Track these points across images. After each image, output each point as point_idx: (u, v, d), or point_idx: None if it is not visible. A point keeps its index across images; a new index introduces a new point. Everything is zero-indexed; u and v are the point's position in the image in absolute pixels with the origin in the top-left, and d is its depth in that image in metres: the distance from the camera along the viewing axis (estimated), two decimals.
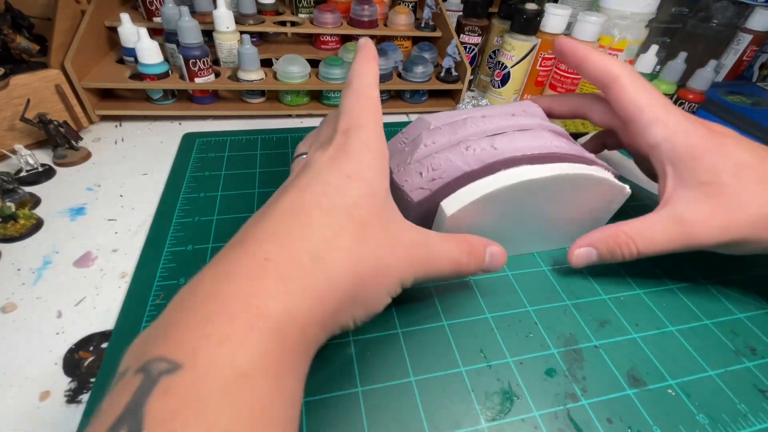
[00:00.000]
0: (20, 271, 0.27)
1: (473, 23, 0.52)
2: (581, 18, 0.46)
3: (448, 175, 0.25)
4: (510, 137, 0.26)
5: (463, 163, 0.25)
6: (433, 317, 0.25)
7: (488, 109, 0.29)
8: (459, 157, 0.25)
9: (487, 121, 0.27)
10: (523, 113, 0.29)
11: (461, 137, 0.26)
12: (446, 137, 0.27)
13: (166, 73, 0.42)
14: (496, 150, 0.25)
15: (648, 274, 0.29)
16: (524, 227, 0.28)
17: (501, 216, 0.26)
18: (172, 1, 0.43)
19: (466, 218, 0.24)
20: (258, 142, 0.41)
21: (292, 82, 0.44)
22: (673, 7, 0.56)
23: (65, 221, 0.31)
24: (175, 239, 0.29)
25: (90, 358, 0.23)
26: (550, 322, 0.26)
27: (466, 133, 0.27)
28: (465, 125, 0.27)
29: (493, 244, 0.23)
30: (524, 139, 0.26)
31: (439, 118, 0.28)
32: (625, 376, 0.23)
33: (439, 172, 0.25)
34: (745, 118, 0.45)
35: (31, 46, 0.39)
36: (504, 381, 0.22)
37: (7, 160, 0.36)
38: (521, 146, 0.25)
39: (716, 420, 0.21)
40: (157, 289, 0.26)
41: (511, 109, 0.29)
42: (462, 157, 0.25)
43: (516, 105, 0.30)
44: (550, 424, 0.21)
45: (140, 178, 0.36)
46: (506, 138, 0.26)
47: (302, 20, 0.51)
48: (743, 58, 0.59)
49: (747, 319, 0.27)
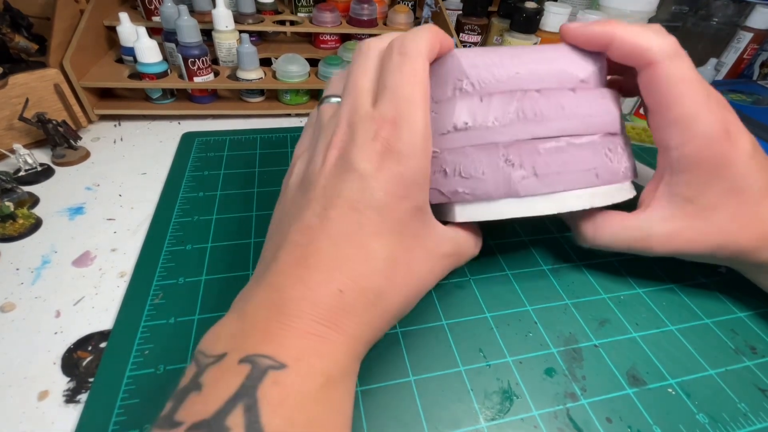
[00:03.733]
0: (19, 270, 0.27)
1: (473, 22, 0.52)
2: (581, 16, 0.46)
3: (472, 194, 0.21)
4: (556, 155, 0.21)
5: (494, 186, 0.21)
6: (432, 316, 0.25)
7: (546, 61, 0.22)
8: (492, 173, 0.20)
9: (544, 105, 0.20)
10: (582, 82, 0.22)
11: (508, 137, 0.20)
12: (490, 117, 0.20)
13: (165, 72, 0.42)
14: (537, 177, 0.20)
15: (648, 274, 0.29)
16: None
17: None
18: (171, 0, 0.43)
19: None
20: (257, 141, 0.41)
21: (291, 82, 0.44)
22: (673, 6, 0.56)
23: (64, 221, 0.31)
24: (174, 239, 0.29)
25: (88, 357, 0.22)
26: (549, 322, 0.26)
27: (513, 131, 0.20)
28: (518, 109, 0.20)
29: (478, 229, 0.25)
30: (577, 162, 0.21)
31: (486, 68, 0.21)
32: (625, 376, 0.23)
33: (467, 182, 0.21)
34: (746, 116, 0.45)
35: (29, 45, 0.39)
36: (503, 380, 0.22)
37: (5, 159, 0.36)
38: (567, 180, 0.21)
39: (716, 419, 0.21)
40: (156, 288, 0.26)
41: (568, 74, 0.22)
42: (496, 173, 0.20)
43: (572, 60, 0.22)
44: (549, 423, 0.21)
45: (139, 177, 0.36)
46: (552, 156, 0.21)
47: (301, 19, 0.51)
48: (744, 57, 0.59)
49: (747, 318, 0.27)
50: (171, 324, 0.24)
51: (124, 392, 0.20)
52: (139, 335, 0.23)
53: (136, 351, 0.22)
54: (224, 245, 0.29)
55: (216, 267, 0.27)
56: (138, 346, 0.23)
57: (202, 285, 0.26)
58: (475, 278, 0.28)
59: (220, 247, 0.29)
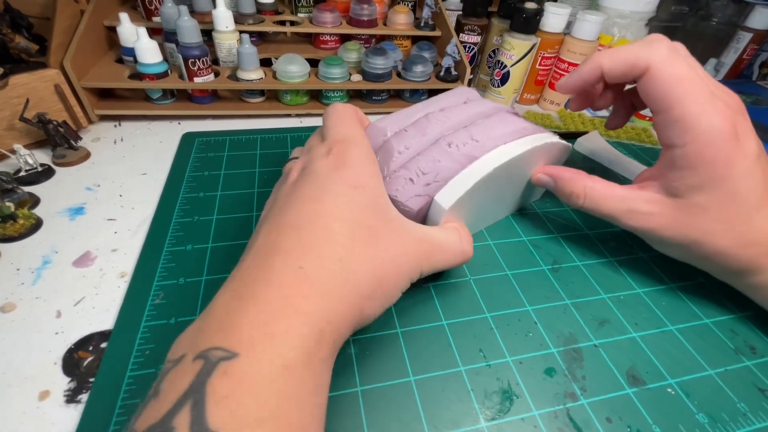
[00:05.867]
0: (19, 270, 0.27)
1: (473, 22, 0.52)
2: (581, 17, 0.46)
3: (443, 177, 0.25)
4: (483, 127, 0.27)
5: (453, 161, 0.25)
6: (432, 317, 0.25)
7: (437, 101, 0.29)
8: (446, 156, 0.25)
9: (449, 114, 0.28)
10: (468, 99, 0.30)
11: (436, 135, 0.26)
12: (417, 138, 0.26)
13: (166, 72, 0.42)
14: (478, 142, 0.26)
15: (648, 274, 0.29)
16: (497, 199, 0.30)
17: (483, 195, 0.27)
18: (171, 1, 0.43)
19: (459, 207, 0.25)
20: (257, 141, 0.41)
21: (291, 82, 0.44)
22: (673, 6, 0.56)
23: (64, 221, 0.31)
24: (174, 239, 0.29)
25: (89, 357, 0.22)
26: (549, 322, 0.26)
27: (438, 129, 0.27)
28: (430, 123, 0.27)
29: (464, 228, 0.25)
30: (496, 126, 0.27)
31: (394, 122, 0.28)
32: (625, 376, 0.23)
33: (431, 175, 0.25)
34: None
35: (30, 45, 0.39)
36: (503, 380, 0.22)
37: (6, 159, 0.36)
38: (499, 134, 0.27)
39: (716, 419, 0.21)
40: (157, 288, 0.26)
41: (456, 98, 0.30)
42: (449, 155, 0.25)
43: (456, 93, 0.31)
44: (549, 423, 0.21)
45: (139, 177, 0.36)
46: (480, 128, 0.27)
47: (301, 20, 0.51)
48: (743, 57, 0.59)
49: (747, 318, 0.27)
50: (171, 324, 0.24)
51: (125, 392, 0.21)
52: (140, 335, 0.23)
53: (137, 351, 0.22)
54: (225, 245, 0.29)
55: (216, 267, 0.27)
56: (139, 346, 0.23)
57: (202, 285, 0.26)
58: (475, 278, 0.28)
59: (221, 248, 0.29)
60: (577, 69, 0.28)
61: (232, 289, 0.17)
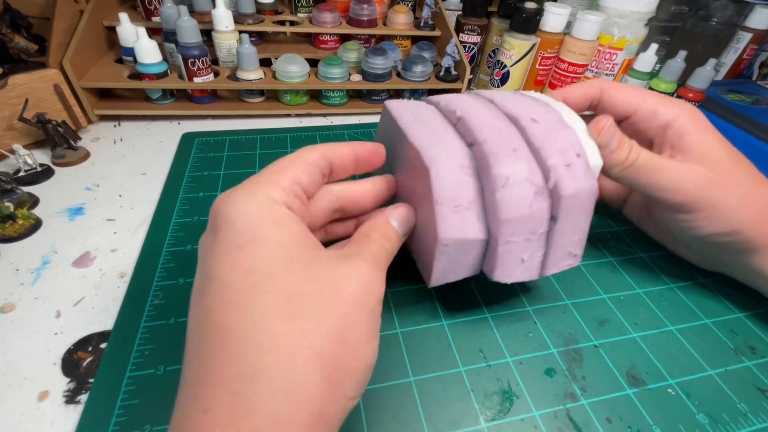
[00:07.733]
0: (19, 271, 0.27)
1: (472, 22, 0.52)
2: (580, 17, 0.46)
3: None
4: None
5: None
6: (432, 317, 0.25)
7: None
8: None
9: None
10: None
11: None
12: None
13: (165, 72, 0.42)
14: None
15: (648, 274, 0.29)
16: None
17: None
18: (170, 1, 0.43)
19: None
20: (257, 141, 0.41)
21: (291, 82, 0.44)
22: (673, 6, 0.56)
23: (64, 221, 0.31)
24: (174, 239, 0.29)
25: (89, 358, 0.22)
26: (549, 322, 0.26)
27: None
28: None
29: (394, 209, 0.21)
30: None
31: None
32: (625, 376, 0.23)
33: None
34: (745, 116, 0.45)
35: (29, 45, 0.39)
36: (503, 381, 0.22)
37: (5, 160, 0.36)
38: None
39: (716, 419, 0.21)
40: (156, 289, 0.26)
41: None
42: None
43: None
44: (549, 423, 0.21)
45: (139, 177, 0.36)
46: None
47: (301, 20, 0.51)
48: (743, 57, 0.59)
49: (747, 319, 0.27)
50: (171, 324, 0.24)
51: (125, 393, 0.20)
52: (140, 336, 0.23)
53: (137, 351, 0.22)
54: None
55: None
56: (138, 346, 0.23)
57: None
58: (475, 278, 0.28)
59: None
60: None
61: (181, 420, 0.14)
